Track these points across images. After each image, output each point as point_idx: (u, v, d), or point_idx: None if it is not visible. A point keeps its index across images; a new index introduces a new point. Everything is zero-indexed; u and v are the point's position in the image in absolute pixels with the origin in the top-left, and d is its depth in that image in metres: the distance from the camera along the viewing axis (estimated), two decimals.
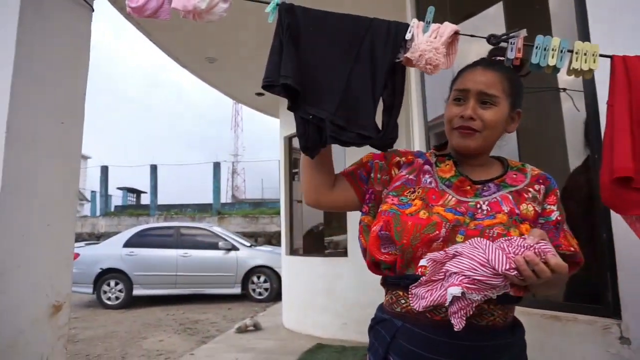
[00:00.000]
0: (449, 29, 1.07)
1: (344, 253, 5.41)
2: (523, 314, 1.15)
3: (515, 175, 1.14)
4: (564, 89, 2.35)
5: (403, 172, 1.16)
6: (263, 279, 8.65)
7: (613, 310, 1.69)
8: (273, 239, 14.61)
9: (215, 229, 9.65)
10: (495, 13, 2.59)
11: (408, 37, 1.07)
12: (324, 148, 1.13)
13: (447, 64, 1.08)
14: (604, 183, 1.11)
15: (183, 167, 34.29)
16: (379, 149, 1.14)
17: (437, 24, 1.09)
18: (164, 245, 8.75)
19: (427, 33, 1.07)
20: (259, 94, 6.50)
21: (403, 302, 1.05)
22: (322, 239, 6.17)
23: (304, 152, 1.12)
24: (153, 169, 19.93)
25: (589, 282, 1.80)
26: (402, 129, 1.22)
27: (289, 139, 6.52)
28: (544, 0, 2.37)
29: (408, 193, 1.11)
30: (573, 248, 1.07)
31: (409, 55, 1.06)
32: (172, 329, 6.35)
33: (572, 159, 2.17)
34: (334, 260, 5.46)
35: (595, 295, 1.79)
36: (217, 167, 19.75)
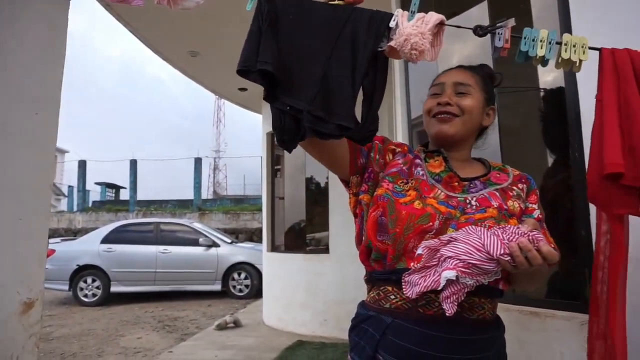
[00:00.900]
0: (435, 17, 1.04)
1: (326, 250, 5.41)
2: (502, 310, 1.15)
3: (499, 175, 1.18)
4: (543, 89, 2.38)
5: (399, 160, 1.16)
6: (244, 276, 8.60)
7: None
8: (254, 236, 14.54)
9: (196, 225, 9.54)
10: (479, 13, 2.61)
11: (392, 24, 1.04)
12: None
13: (432, 55, 1.05)
14: (592, 180, 1.10)
15: (163, 162, 33.89)
16: (358, 142, 1.11)
17: (422, 13, 1.05)
18: (143, 242, 8.61)
19: (412, 20, 1.03)
20: (242, 89, 6.43)
21: (393, 297, 1.04)
22: (303, 236, 6.16)
23: (281, 145, 1.06)
24: (133, 164, 19.61)
25: (568, 278, 1.83)
26: (385, 127, 1.22)
27: (272, 135, 6.47)
28: (527, 1, 2.39)
29: (401, 183, 1.11)
30: (552, 245, 1.09)
31: (393, 42, 1.02)
32: (150, 327, 6.26)
33: (552, 158, 2.19)
34: (316, 257, 5.45)
35: (574, 292, 1.82)
36: (198, 162, 19.54)
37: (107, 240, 8.49)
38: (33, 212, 1.90)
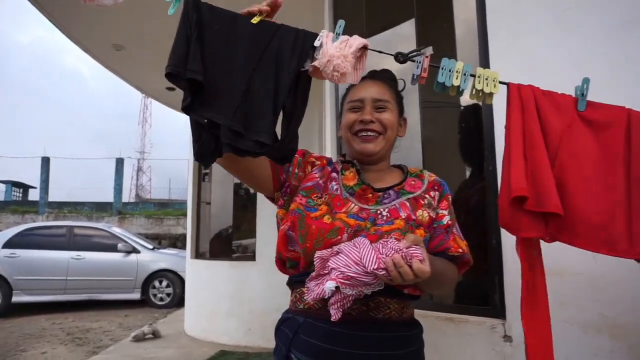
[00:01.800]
0: (358, 41, 1.06)
1: (252, 257, 5.32)
2: (419, 316, 1.20)
3: (414, 182, 1.22)
4: (463, 106, 2.54)
5: (316, 173, 1.19)
6: (165, 284, 8.22)
7: (499, 311, 1.83)
8: (178, 242, 13.98)
9: (115, 230, 9.00)
10: (408, 29, 2.73)
11: (317, 44, 1.05)
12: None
13: (354, 78, 1.07)
14: (502, 205, 1.16)
15: (81, 161, 31.41)
16: (276, 161, 1.10)
17: (346, 36, 1.07)
18: (54, 247, 7.97)
19: (336, 42, 1.05)
20: (170, 89, 6.19)
21: (306, 298, 1.06)
22: (229, 243, 6.02)
23: (198, 160, 1.04)
24: (45, 162, 18.06)
25: (480, 285, 1.94)
26: (315, 140, 1.23)
27: None
28: (451, 22, 2.54)
29: (315, 197, 1.14)
30: (461, 250, 1.17)
31: (317, 62, 1.03)
32: (58, 340, 5.75)
33: (469, 170, 2.33)
34: (242, 265, 5.35)
35: (485, 298, 1.94)
36: (120, 163, 18.46)
37: (10, 245, 7.74)
38: None
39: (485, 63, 1.91)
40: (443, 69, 1.13)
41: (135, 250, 8.31)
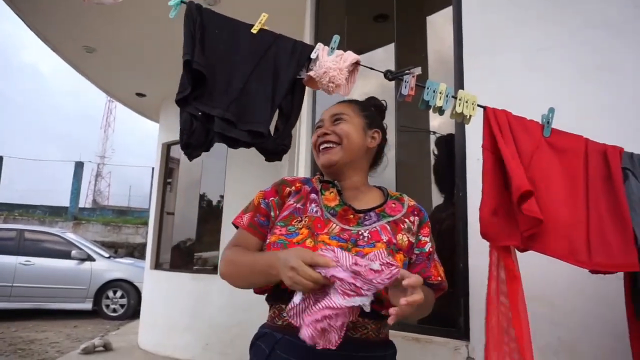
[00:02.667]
0: (352, 57, 1.15)
1: (214, 270, 5.21)
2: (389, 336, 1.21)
3: (394, 205, 1.23)
4: (434, 132, 2.63)
5: (291, 201, 1.20)
6: (120, 294, 7.91)
7: (464, 333, 1.87)
8: (136, 251, 13.53)
9: (69, 236, 8.60)
10: (387, 53, 2.82)
11: (314, 56, 1.13)
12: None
13: (345, 90, 1.15)
14: (483, 216, 1.24)
15: (35, 162, 29.84)
16: (269, 155, 1.15)
17: (340, 50, 1.16)
18: (1, 251, 7.52)
19: (331, 56, 1.13)
20: (140, 94, 6.08)
21: (285, 315, 1.05)
22: (191, 254, 5.88)
23: (185, 149, 1.08)
24: None
25: (447, 307, 1.98)
26: (290, 151, 1.28)
27: (168, 146, 6.17)
28: (425, 51, 2.64)
29: (296, 222, 1.14)
30: (440, 277, 1.21)
31: (313, 73, 1.10)
32: None
33: (439, 195, 2.40)
34: (203, 278, 5.22)
35: (451, 319, 1.98)
36: (79, 166, 17.76)
37: None
38: None
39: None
40: (428, 89, 1.20)
41: (90, 258, 7.98)
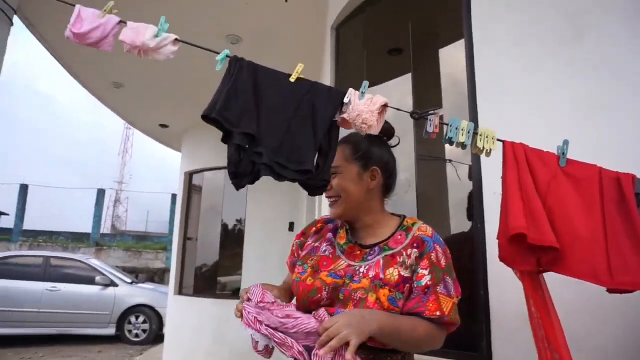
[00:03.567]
0: (381, 100, 1.26)
1: (237, 295, 5.30)
2: None
3: (400, 236, 1.23)
4: (450, 160, 2.72)
5: (309, 241, 1.33)
6: (142, 319, 8.02)
7: (486, 357, 1.92)
8: (156, 276, 13.71)
9: (93, 262, 8.81)
10: (400, 84, 2.95)
11: (346, 100, 1.25)
12: None
13: (376, 129, 1.26)
14: (502, 242, 1.33)
15: (58, 190, 30.59)
16: (312, 189, 1.27)
17: (370, 94, 1.27)
18: (27, 277, 7.76)
19: (362, 99, 1.24)
20: (163, 126, 6.32)
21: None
22: (214, 279, 5.99)
23: (233, 179, 1.20)
24: (23, 189, 17.70)
25: (469, 332, 2.04)
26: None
27: (190, 175, 6.36)
28: (439, 82, 2.76)
29: (310, 260, 1.27)
30: (439, 312, 1.12)
31: (346, 115, 1.23)
32: None
33: (459, 225, 2.48)
34: (226, 302, 5.31)
35: (473, 344, 2.03)
36: (101, 193, 18.22)
37: None
38: None
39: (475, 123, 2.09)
40: (451, 126, 1.31)
41: (113, 284, 8.14)
